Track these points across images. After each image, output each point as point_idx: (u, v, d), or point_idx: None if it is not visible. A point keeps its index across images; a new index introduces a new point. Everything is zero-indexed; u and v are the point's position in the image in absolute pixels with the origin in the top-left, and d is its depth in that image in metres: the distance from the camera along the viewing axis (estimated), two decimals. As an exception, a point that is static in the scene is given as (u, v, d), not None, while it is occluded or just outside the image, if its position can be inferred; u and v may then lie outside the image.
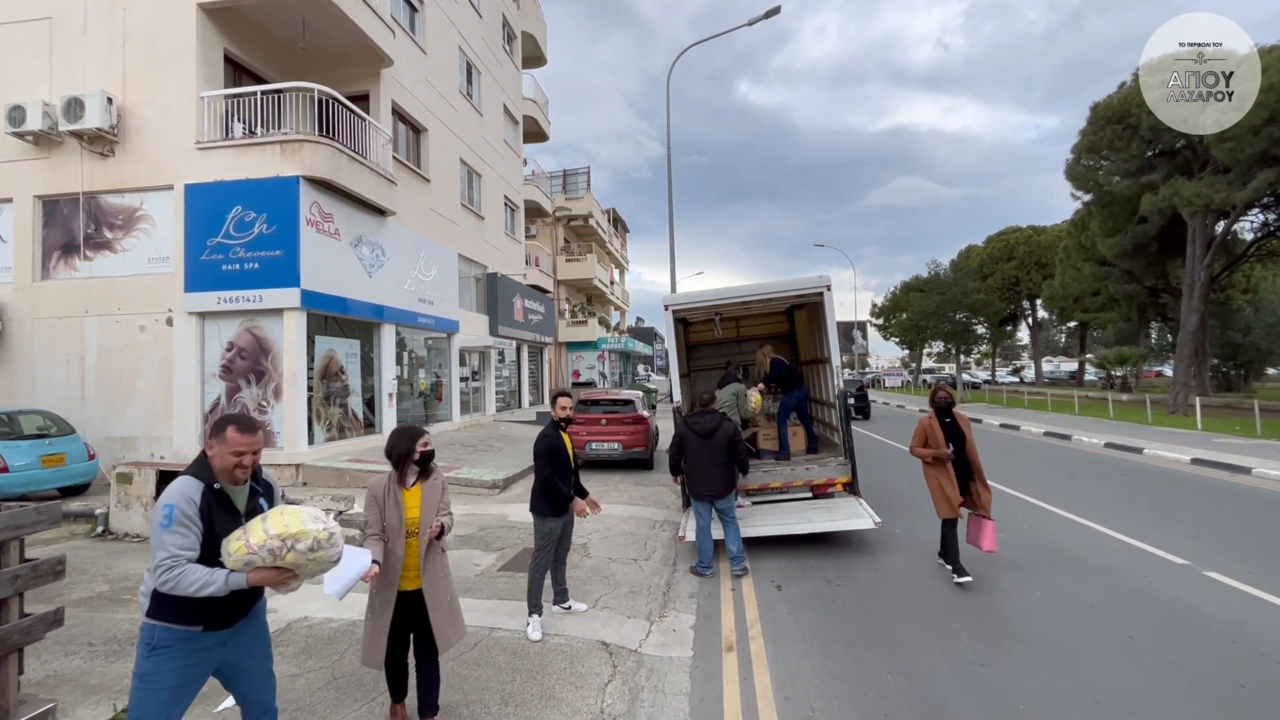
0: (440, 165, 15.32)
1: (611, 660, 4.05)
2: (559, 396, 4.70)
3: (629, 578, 5.64)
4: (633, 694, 3.65)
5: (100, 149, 10.35)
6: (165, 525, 2.11)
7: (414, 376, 14.19)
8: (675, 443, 6.00)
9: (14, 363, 10.59)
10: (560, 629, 4.49)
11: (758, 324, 10.62)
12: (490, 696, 3.57)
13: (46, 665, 3.88)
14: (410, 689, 3.35)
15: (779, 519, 6.63)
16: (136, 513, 6.83)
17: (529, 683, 3.73)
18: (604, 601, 5.04)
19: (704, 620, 4.75)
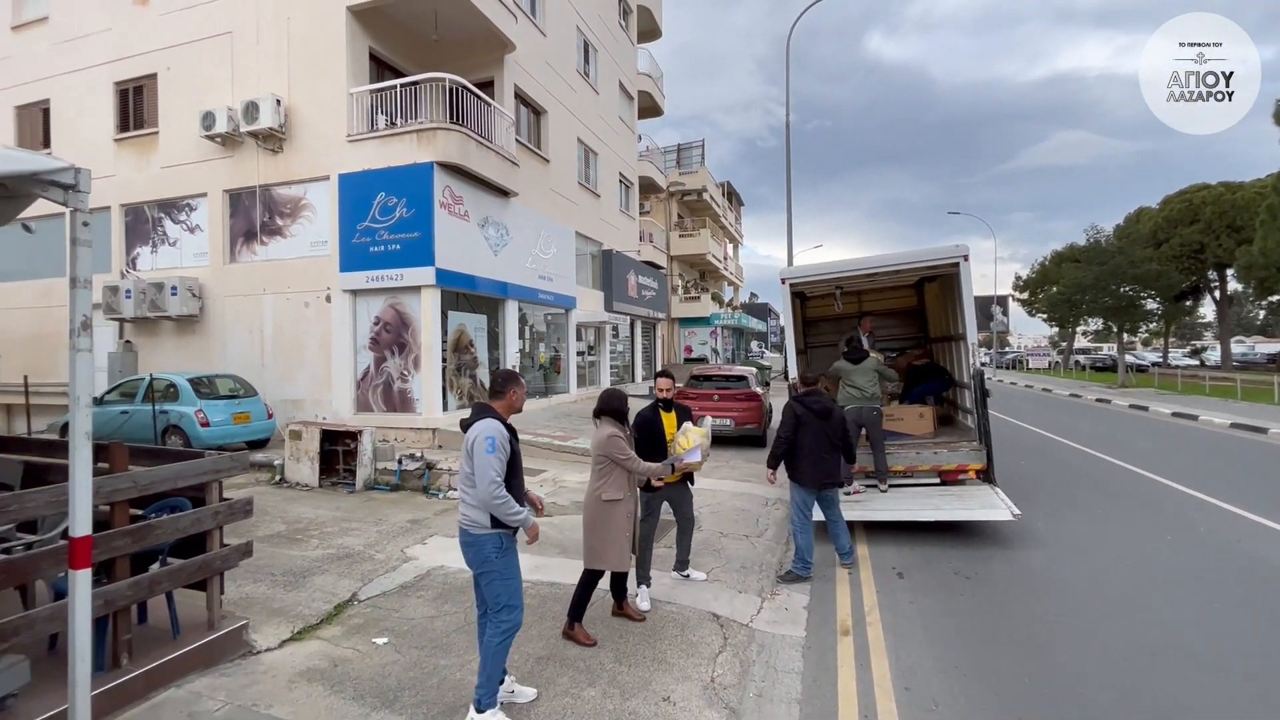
0: (559, 145, 15.77)
1: (722, 632, 4.08)
2: (660, 377, 4.71)
3: (740, 553, 5.63)
4: (743, 667, 3.66)
5: (271, 146, 11.73)
6: (490, 451, 2.82)
7: (535, 350, 14.92)
8: (788, 421, 5.18)
9: (210, 334, 12.44)
10: (673, 597, 4.58)
11: (882, 298, 10.00)
12: (605, 654, 3.74)
13: (240, 589, 4.59)
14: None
15: (901, 504, 6.28)
16: (305, 465, 7.84)
17: (641, 645, 3.85)
18: (715, 574, 5.07)
19: (818, 602, 4.64)
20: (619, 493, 3.88)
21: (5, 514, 2.83)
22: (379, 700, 3.22)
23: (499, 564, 2.98)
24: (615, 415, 3.96)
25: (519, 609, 3.08)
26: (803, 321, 10.03)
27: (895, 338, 10.12)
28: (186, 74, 12.45)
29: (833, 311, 9.52)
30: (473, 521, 2.98)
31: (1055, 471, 9.13)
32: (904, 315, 9.99)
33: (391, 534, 6.10)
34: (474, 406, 3.15)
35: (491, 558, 2.96)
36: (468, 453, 2.95)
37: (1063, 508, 6.97)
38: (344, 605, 4.42)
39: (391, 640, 3.89)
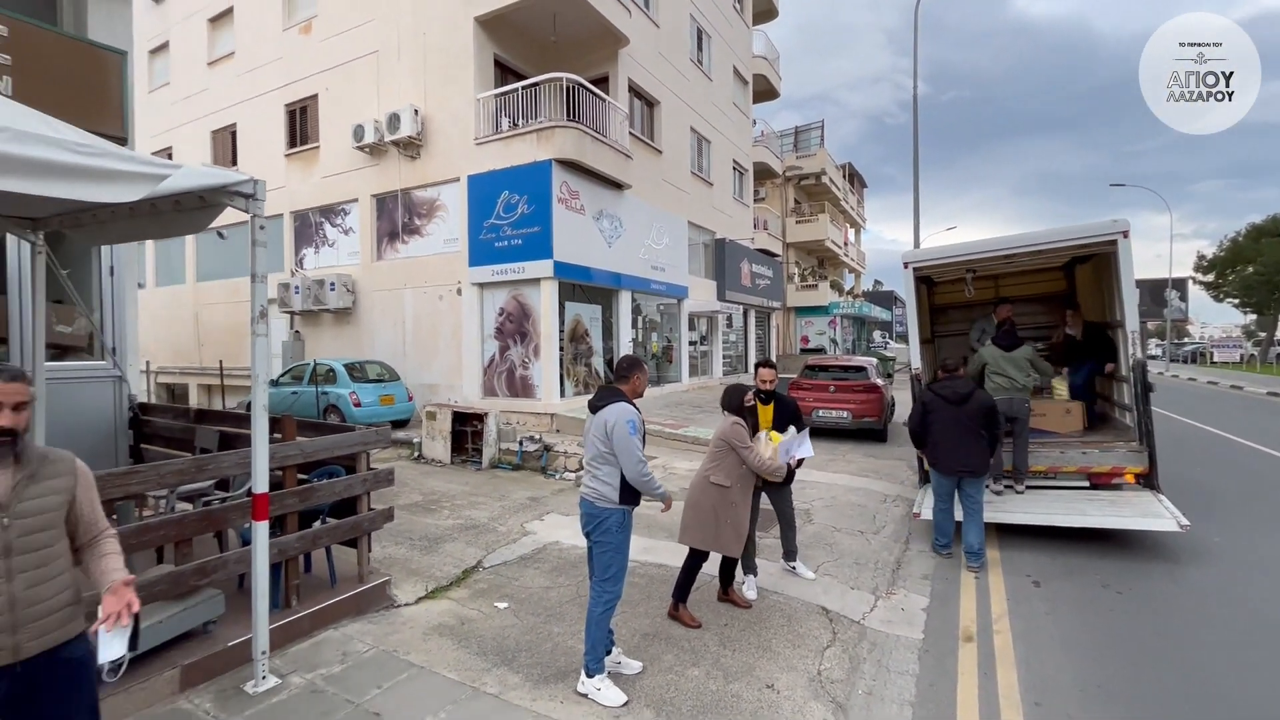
0: (671, 136, 15.84)
1: (831, 627, 3.97)
2: (762, 367, 4.58)
3: (854, 549, 5.42)
4: (853, 663, 3.55)
5: (410, 153, 12.85)
6: (633, 433, 3.08)
7: (647, 339, 15.19)
8: (916, 411, 5.40)
9: (361, 324, 13.93)
10: (780, 587, 4.53)
11: (1024, 282, 9.06)
12: (709, 637, 3.78)
13: (383, 550, 5.14)
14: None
15: (1041, 508, 5.71)
16: (439, 443, 8.59)
17: (746, 632, 3.85)
18: (826, 569, 4.93)
19: (939, 604, 4.37)
20: (727, 480, 3.90)
21: (205, 472, 3.41)
22: (499, 658, 3.50)
23: (617, 537, 3.17)
24: (735, 411, 4.11)
25: (621, 582, 3.22)
26: (930, 308, 9.37)
27: (1039, 325, 9.15)
28: (341, 92, 13.94)
29: (963, 297, 8.79)
30: (600, 495, 3.16)
31: (1241, 483, 7.86)
32: (1049, 301, 9.00)
33: (513, 509, 6.54)
34: (600, 389, 3.34)
35: (612, 530, 3.15)
36: (604, 433, 3.13)
37: (1246, 524, 6.00)
38: (470, 571, 4.82)
39: (511, 606, 4.19)
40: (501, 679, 3.28)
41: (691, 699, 3.14)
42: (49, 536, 1.80)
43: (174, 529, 3.20)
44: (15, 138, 2.27)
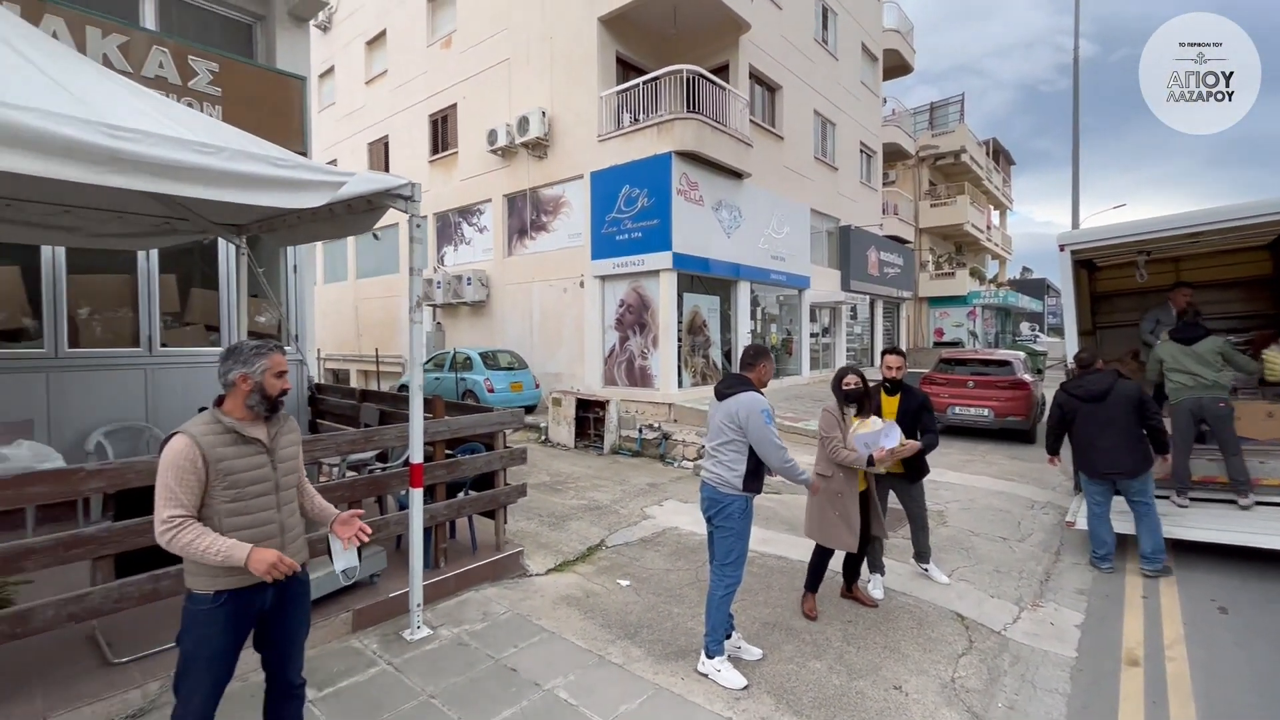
0: (793, 121, 15.35)
1: (967, 634, 3.73)
2: (889, 354, 4.32)
3: (994, 555, 5.02)
4: (992, 674, 3.31)
5: (538, 153, 13.54)
6: (769, 421, 3.10)
7: (766, 331, 14.91)
8: (1052, 412, 4.96)
9: (493, 316, 14.94)
10: (910, 589, 4.31)
11: (1212, 264, 7.78)
12: (833, 631, 3.70)
13: (516, 524, 5.53)
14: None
15: (1233, 524, 4.94)
16: (563, 428, 9.04)
17: (872, 631, 3.72)
18: (961, 574, 4.62)
19: (1096, 623, 3.94)
20: (828, 470, 3.80)
21: (372, 444, 3.88)
22: (622, 632, 3.66)
23: (739, 524, 3.17)
24: (834, 391, 3.94)
25: (742, 568, 3.24)
26: (1091, 296, 8.35)
27: (1234, 315, 7.83)
28: (477, 100, 14.97)
29: (1132, 284, 7.73)
30: (723, 481, 3.17)
31: None
32: (1248, 287, 7.68)
33: (633, 493, 6.75)
34: (727, 376, 3.37)
35: (734, 516, 3.16)
36: (733, 421, 3.14)
37: None
38: (594, 549, 5.06)
39: (633, 584, 4.35)
40: (625, 651, 3.43)
41: (813, 690, 3.09)
42: (294, 478, 2.26)
43: (348, 490, 3.68)
44: (233, 156, 2.70)
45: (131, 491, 2.89)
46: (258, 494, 2.09)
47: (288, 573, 2.01)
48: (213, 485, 2.00)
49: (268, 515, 2.12)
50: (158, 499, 1.93)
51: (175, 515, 1.92)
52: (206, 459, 1.97)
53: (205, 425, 2.03)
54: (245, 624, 2.10)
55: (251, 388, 2.08)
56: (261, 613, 2.13)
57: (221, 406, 2.10)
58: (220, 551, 1.92)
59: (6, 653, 2.82)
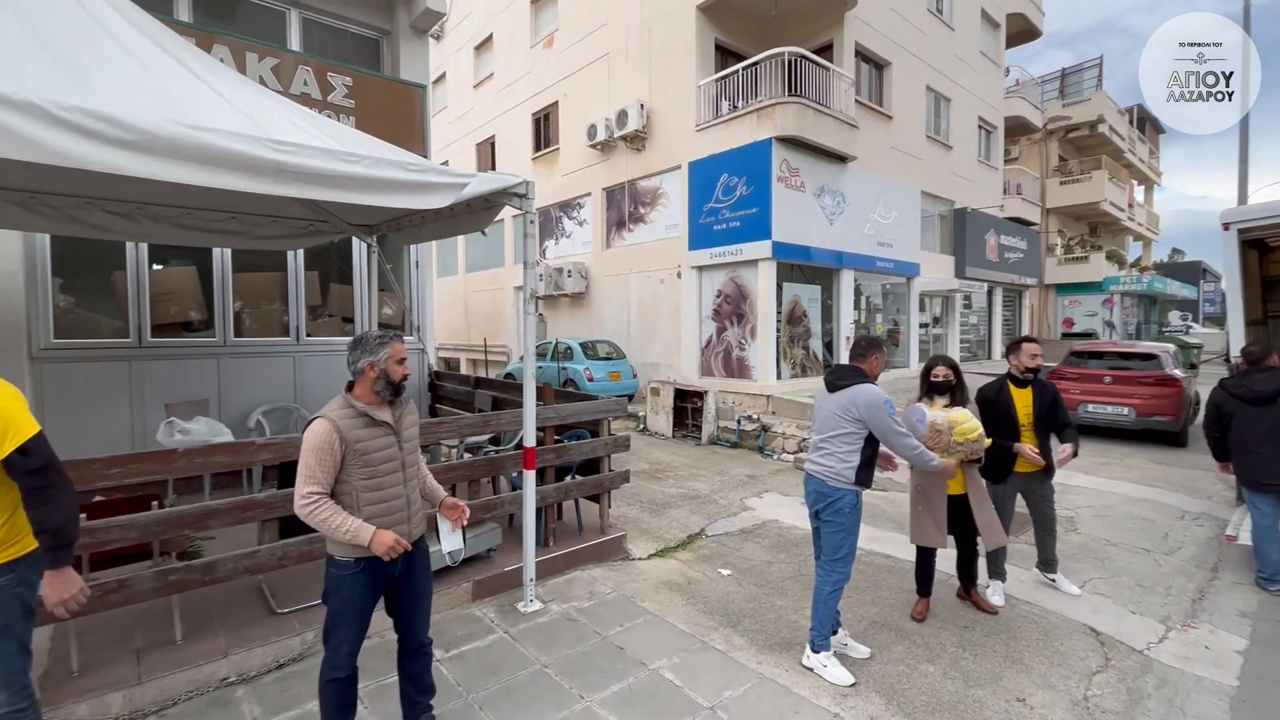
0: (903, 99, 14.49)
1: (1103, 651, 3.43)
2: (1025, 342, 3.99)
3: (1135, 568, 4.56)
4: (1132, 697, 3.03)
5: (636, 145, 13.68)
6: (892, 413, 3.02)
7: (870, 321, 14.26)
8: (1209, 416, 4.44)
9: (592, 307, 15.33)
10: (1034, 598, 4.02)
11: None
12: (947, 635, 3.53)
13: (618, 509, 5.69)
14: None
15: None
16: (661, 417, 9.16)
17: (990, 638, 3.51)
18: (1095, 586, 4.24)
19: (1263, 650, 3.49)
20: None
21: (489, 427, 4.14)
22: (724, 619, 3.69)
23: (849, 518, 3.11)
24: (921, 382, 3.76)
25: (851, 564, 3.16)
26: (1260, 281, 7.30)
27: None
28: (577, 97, 15.35)
29: (1319, 265, 6.69)
30: (834, 474, 3.09)
31: None
32: None
33: (732, 484, 6.74)
34: (838, 367, 3.29)
35: (844, 510, 3.09)
36: (848, 413, 3.06)
37: None
38: (694, 537, 5.12)
39: (734, 574, 4.37)
40: (727, 639, 3.47)
41: (926, 694, 2.98)
42: (415, 457, 2.48)
43: (468, 470, 3.96)
44: (374, 164, 2.97)
45: (292, 463, 3.28)
46: (388, 472, 2.32)
47: (404, 552, 2.26)
48: (349, 464, 2.23)
49: (396, 491, 2.34)
50: (299, 476, 2.19)
51: (313, 492, 2.17)
52: (344, 440, 2.21)
53: (341, 410, 2.26)
54: (379, 587, 2.36)
55: (377, 374, 2.30)
56: (392, 579, 2.37)
57: (352, 392, 2.33)
58: (349, 530, 2.16)
59: (194, 597, 3.31)
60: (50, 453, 1.92)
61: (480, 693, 2.91)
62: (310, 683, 2.94)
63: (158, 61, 2.84)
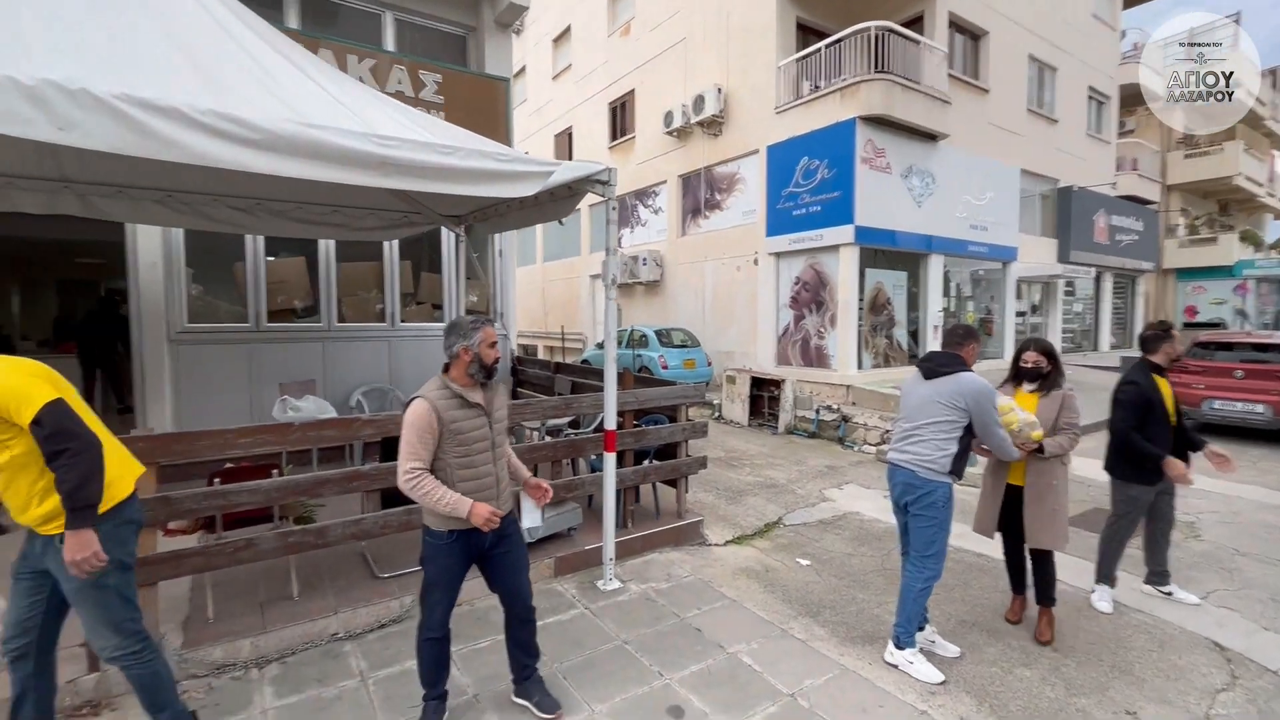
0: (1002, 70, 13.50)
1: (1229, 667, 3.13)
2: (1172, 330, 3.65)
3: (1268, 580, 4.12)
4: (1264, 719, 2.75)
5: (713, 131, 13.50)
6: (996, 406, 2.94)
7: (961, 309, 13.49)
8: None
9: (666, 294, 15.35)
10: (1148, 608, 3.72)
11: None
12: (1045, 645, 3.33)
13: (694, 495, 5.71)
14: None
15: None
16: (737, 405, 9.08)
17: (1096, 646, 3.28)
18: (1219, 598, 3.87)
19: None
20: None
21: (570, 410, 4.26)
22: (803, 609, 3.64)
23: (942, 512, 2.98)
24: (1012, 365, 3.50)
25: (943, 560, 3.04)
26: None
27: None
28: (653, 84, 15.31)
29: None
30: (929, 464, 2.95)
31: None
32: None
33: (810, 475, 6.60)
34: (936, 354, 3.11)
35: (939, 504, 2.97)
36: (950, 401, 2.92)
37: None
38: (771, 525, 5.07)
39: (813, 564, 4.30)
40: (807, 628, 3.42)
41: (1022, 699, 2.83)
42: (504, 437, 2.60)
43: (551, 451, 4.09)
44: (467, 155, 3.10)
45: (393, 439, 3.51)
46: (480, 450, 2.44)
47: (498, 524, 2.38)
48: (445, 442, 2.36)
49: (487, 469, 2.46)
50: (401, 452, 2.33)
51: (415, 467, 2.31)
52: (441, 419, 2.34)
53: (438, 391, 2.39)
54: (470, 558, 2.50)
55: (471, 358, 2.41)
56: (482, 550, 2.50)
57: (448, 374, 2.45)
58: (448, 503, 2.30)
59: (308, 559, 3.62)
60: (65, 420, 1.94)
61: (564, 663, 3.03)
62: (408, 642, 3.15)
63: (276, 64, 3.08)
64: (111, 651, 2.15)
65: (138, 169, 3.98)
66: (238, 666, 2.94)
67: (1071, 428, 3.24)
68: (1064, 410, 3.24)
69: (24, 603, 2.12)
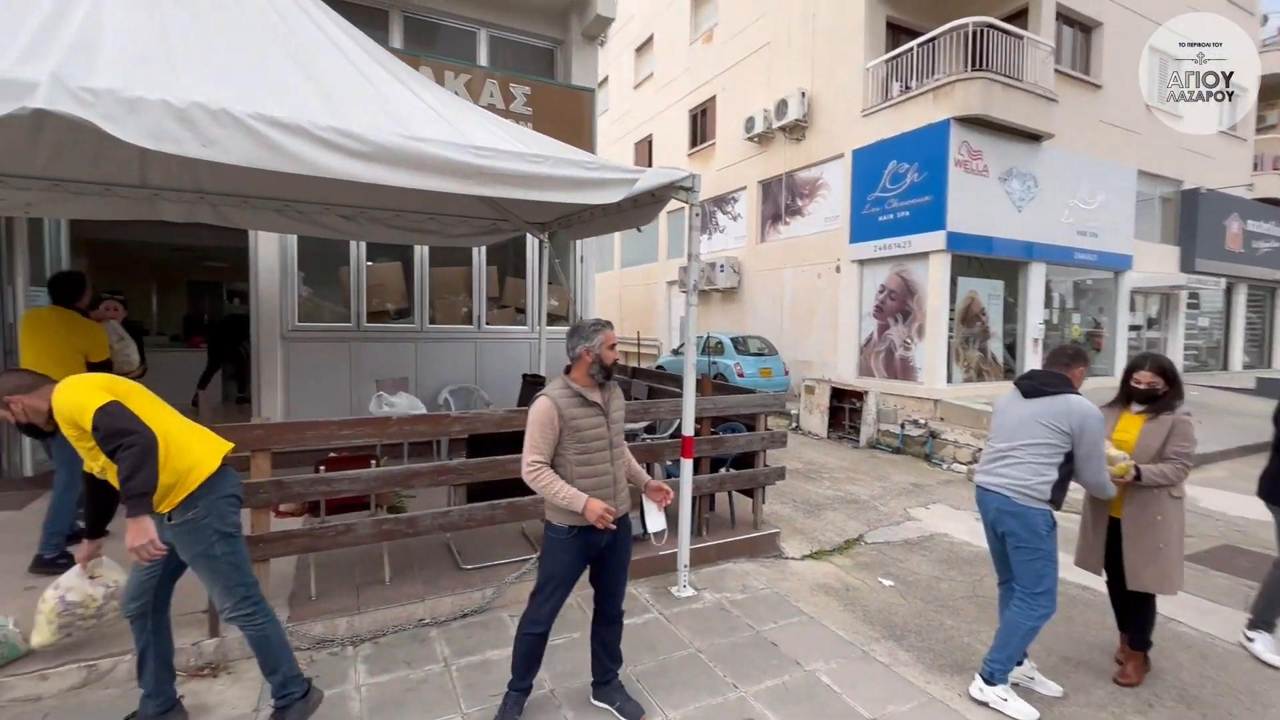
0: (1117, 63, 12.46)
1: (1397, 737, 2.72)
2: None
3: None
4: None
5: (795, 136, 13.25)
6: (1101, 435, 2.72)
7: (1064, 322, 12.53)
8: None
9: (744, 302, 15.16)
10: (1288, 658, 3.29)
11: None
12: (1163, 686, 3.02)
13: (769, 506, 5.58)
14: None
15: None
16: (816, 417, 8.83)
17: (1226, 698, 2.94)
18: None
19: None
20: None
21: (648, 415, 4.28)
22: (886, 631, 3.48)
23: (1046, 542, 2.76)
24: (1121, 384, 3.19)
25: (1055, 596, 2.80)
26: None
27: None
28: (734, 90, 15.21)
29: None
30: (1027, 489, 2.74)
31: None
32: None
33: (894, 492, 6.31)
34: (1040, 372, 2.90)
35: (1041, 533, 2.75)
36: (1055, 424, 2.72)
37: None
38: (852, 543, 4.88)
39: (897, 586, 4.10)
40: (890, 652, 3.26)
41: (1137, 750, 2.58)
42: (621, 438, 2.64)
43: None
44: (557, 163, 3.20)
45: (479, 436, 3.66)
46: (598, 449, 2.49)
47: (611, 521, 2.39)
48: (565, 439, 2.43)
49: (605, 468, 2.51)
50: (525, 445, 2.42)
51: (537, 460, 2.39)
52: (562, 417, 2.40)
53: (560, 390, 2.47)
54: (588, 555, 2.53)
55: (592, 359, 2.48)
56: (599, 549, 2.53)
57: (570, 374, 2.52)
58: (565, 497, 2.36)
59: (398, 546, 3.82)
60: (114, 421, 2.10)
61: (638, 666, 3.03)
62: (488, 633, 3.27)
63: (384, 82, 3.30)
64: (229, 612, 2.38)
65: (260, 181, 4.36)
66: (335, 643, 3.15)
67: (1180, 457, 2.88)
68: (1173, 437, 2.89)
69: (141, 570, 2.36)
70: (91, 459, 2.24)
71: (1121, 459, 2.86)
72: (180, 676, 2.62)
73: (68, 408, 2.13)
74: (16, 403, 2.21)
